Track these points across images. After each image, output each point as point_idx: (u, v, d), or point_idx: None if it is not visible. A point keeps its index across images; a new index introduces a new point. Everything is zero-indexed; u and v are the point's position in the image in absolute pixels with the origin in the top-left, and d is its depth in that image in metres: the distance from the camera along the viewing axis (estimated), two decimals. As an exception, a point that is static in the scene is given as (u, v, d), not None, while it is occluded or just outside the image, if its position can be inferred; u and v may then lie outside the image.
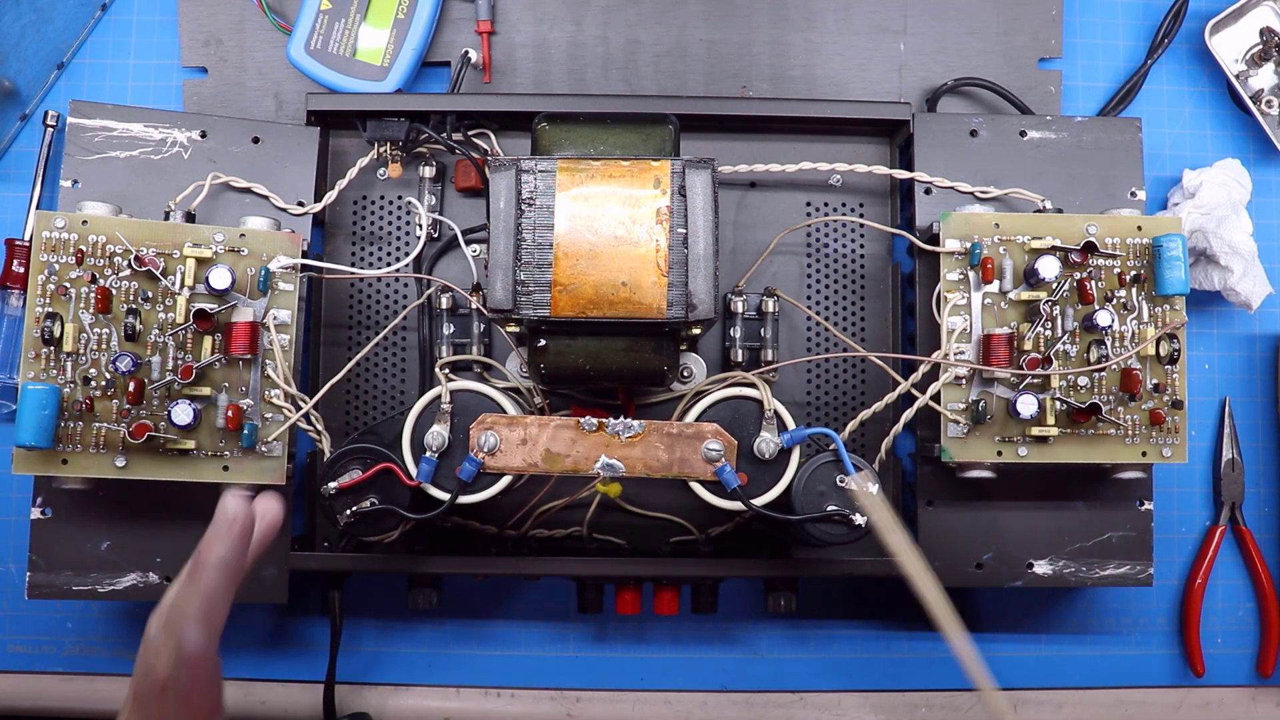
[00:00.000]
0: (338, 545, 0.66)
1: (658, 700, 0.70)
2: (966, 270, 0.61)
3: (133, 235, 0.58)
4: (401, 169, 0.67)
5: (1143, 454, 0.61)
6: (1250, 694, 0.72)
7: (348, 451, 0.58)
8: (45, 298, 0.57)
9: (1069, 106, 0.74)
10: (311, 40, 0.68)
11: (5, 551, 0.69)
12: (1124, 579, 0.65)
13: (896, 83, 0.73)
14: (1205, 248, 0.69)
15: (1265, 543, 0.72)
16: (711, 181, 0.55)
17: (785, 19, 0.73)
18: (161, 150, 0.64)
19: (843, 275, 0.69)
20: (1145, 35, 0.75)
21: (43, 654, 0.69)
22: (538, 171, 0.55)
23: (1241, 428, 0.73)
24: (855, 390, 0.69)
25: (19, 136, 0.72)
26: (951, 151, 0.66)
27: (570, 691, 0.70)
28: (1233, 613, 0.72)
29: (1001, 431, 0.61)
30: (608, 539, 0.66)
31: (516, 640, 0.71)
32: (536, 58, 0.73)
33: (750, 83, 0.73)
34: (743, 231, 0.69)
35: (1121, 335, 0.61)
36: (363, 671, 0.70)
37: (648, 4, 0.73)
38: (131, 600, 0.67)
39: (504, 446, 0.58)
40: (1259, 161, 0.74)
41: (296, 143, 0.65)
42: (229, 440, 0.59)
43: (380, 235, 0.69)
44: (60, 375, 0.57)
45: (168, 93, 0.72)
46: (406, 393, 0.68)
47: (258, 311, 0.59)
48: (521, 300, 0.54)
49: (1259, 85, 0.74)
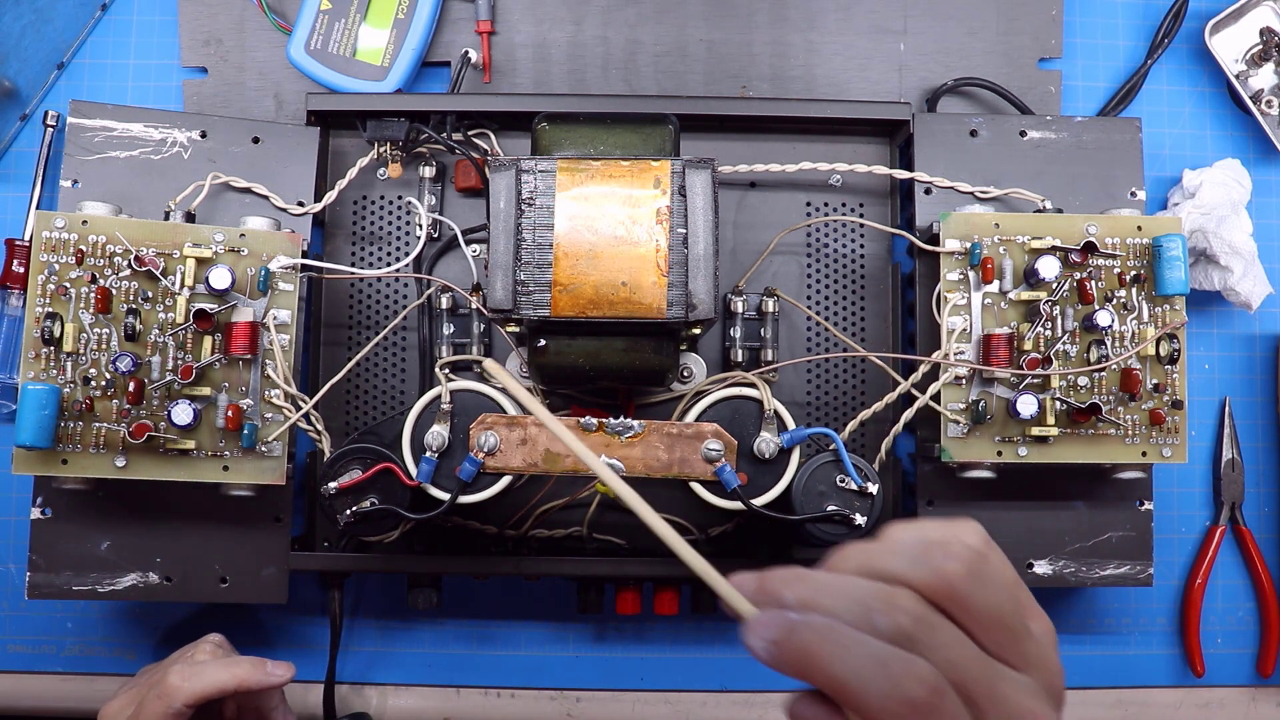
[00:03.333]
0: (338, 545, 0.66)
1: (658, 700, 0.70)
2: (966, 270, 0.61)
3: (133, 235, 0.58)
4: (401, 169, 0.67)
5: (1143, 454, 0.61)
6: (1250, 694, 0.72)
7: (348, 451, 0.58)
8: (45, 298, 0.57)
9: (1069, 106, 0.74)
10: (311, 40, 0.68)
11: (5, 551, 0.69)
12: (1124, 579, 0.65)
13: (896, 83, 0.73)
14: (1205, 248, 0.69)
15: (1265, 543, 0.72)
16: (711, 181, 0.55)
17: (785, 19, 0.73)
18: (161, 150, 0.64)
19: (843, 275, 0.69)
20: (1145, 35, 0.75)
21: (43, 654, 0.69)
22: (538, 171, 0.55)
23: (1241, 428, 0.73)
24: (855, 390, 0.69)
25: (19, 136, 0.72)
26: (951, 151, 0.66)
27: (570, 691, 0.70)
28: (1233, 613, 0.72)
29: (1001, 431, 0.61)
30: (608, 539, 0.66)
31: (516, 640, 0.71)
32: (536, 58, 0.73)
33: (750, 83, 0.73)
34: (743, 231, 0.69)
35: (1121, 335, 0.61)
36: (363, 671, 0.70)
37: (648, 4, 0.73)
38: (131, 600, 0.67)
39: (504, 446, 0.58)
40: (1259, 161, 0.74)
41: (296, 143, 0.65)
42: (229, 440, 0.59)
43: (380, 235, 0.69)
44: (60, 375, 0.57)
45: (168, 93, 0.72)
46: (406, 393, 0.68)
47: (258, 311, 0.59)
48: (521, 300, 0.54)
49: (1259, 85, 0.74)
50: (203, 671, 0.56)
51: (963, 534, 0.33)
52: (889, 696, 0.29)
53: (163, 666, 0.59)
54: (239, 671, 0.56)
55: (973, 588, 0.32)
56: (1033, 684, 0.32)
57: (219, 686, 0.55)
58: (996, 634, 0.32)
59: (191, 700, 0.55)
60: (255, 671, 0.57)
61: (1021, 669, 0.32)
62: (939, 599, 0.31)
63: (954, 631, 0.31)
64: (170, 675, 0.55)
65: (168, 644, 0.69)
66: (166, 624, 0.70)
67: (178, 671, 0.55)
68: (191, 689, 0.55)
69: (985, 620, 0.32)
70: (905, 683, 0.29)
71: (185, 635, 0.64)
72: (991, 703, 0.30)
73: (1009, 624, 0.32)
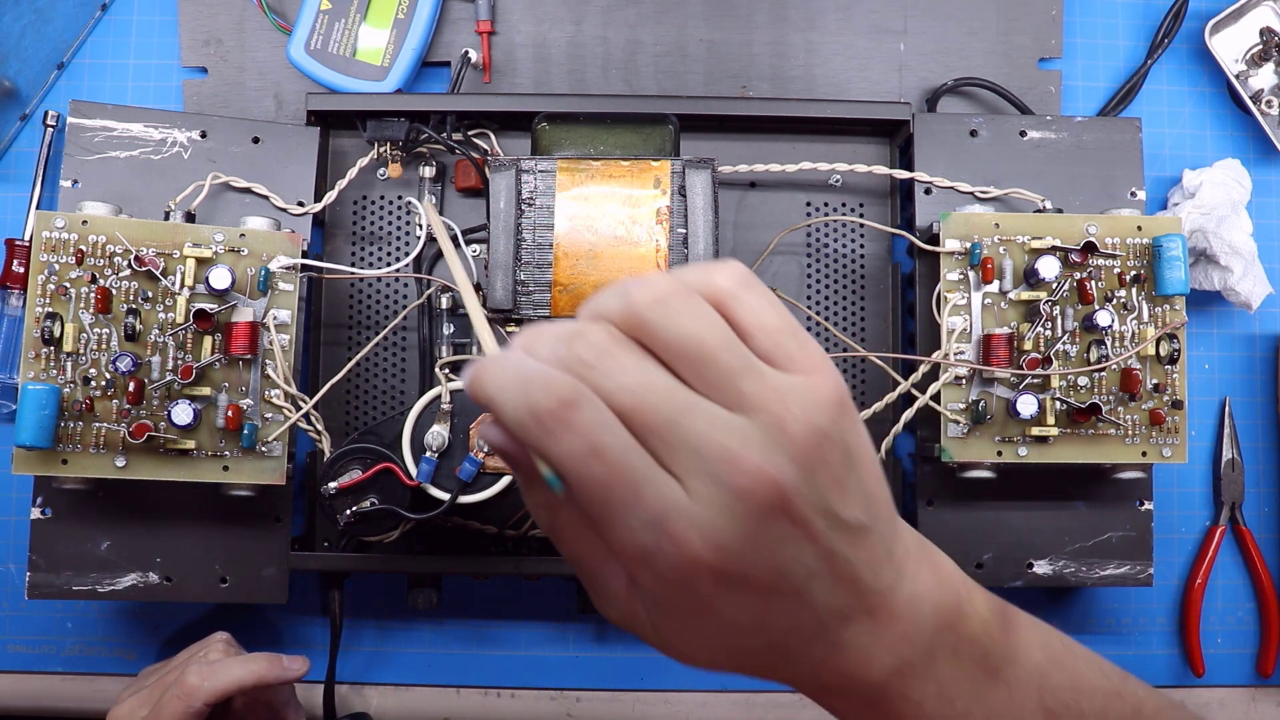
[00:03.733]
0: (338, 545, 0.66)
1: (658, 700, 0.70)
2: (966, 270, 0.61)
3: (133, 235, 0.58)
4: (401, 169, 0.68)
5: (1143, 454, 0.61)
6: (1250, 694, 0.72)
7: (348, 451, 0.58)
8: (45, 298, 0.57)
9: (1069, 106, 0.74)
10: (311, 40, 0.68)
11: (5, 551, 0.69)
12: (1124, 579, 0.65)
13: (896, 83, 0.73)
14: (1205, 248, 0.69)
15: (1265, 543, 0.72)
16: (711, 181, 0.55)
17: (785, 19, 0.73)
18: (161, 150, 0.64)
19: (843, 275, 0.69)
20: (1145, 35, 0.75)
21: (43, 654, 0.69)
22: (538, 171, 0.55)
23: (1241, 428, 0.73)
24: (855, 390, 0.69)
25: (19, 136, 0.72)
26: (951, 151, 0.66)
27: (570, 691, 0.70)
28: (1233, 613, 0.72)
29: (1001, 431, 0.61)
30: (608, 539, 0.66)
31: (516, 640, 0.71)
32: (536, 58, 0.73)
33: (750, 83, 0.73)
34: (743, 231, 0.69)
35: (1121, 335, 0.61)
36: (363, 671, 0.70)
37: (648, 4, 0.73)
38: (131, 600, 0.67)
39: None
40: (1259, 161, 0.74)
41: (296, 143, 0.65)
42: (229, 440, 0.59)
43: (380, 235, 0.69)
44: (60, 375, 0.57)
45: (168, 93, 0.72)
46: (406, 393, 0.68)
47: (258, 311, 0.59)
48: (521, 300, 0.54)
49: (1259, 85, 0.74)
50: (221, 669, 0.56)
51: (713, 271, 0.32)
52: (518, 407, 0.29)
53: (173, 667, 0.59)
54: (257, 668, 0.56)
55: (664, 317, 0.30)
56: (744, 424, 0.29)
57: (238, 683, 0.56)
58: (696, 367, 0.30)
59: (211, 699, 0.55)
60: (273, 667, 0.57)
61: (734, 408, 0.29)
62: (631, 330, 0.30)
63: (637, 361, 0.30)
64: (188, 675, 0.55)
65: (168, 644, 0.69)
66: (166, 624, 0.70)
67: (195, 671, 0.55)
68: (211, 687, 0.55)
69: (678, 351, 0.30)
70: (534, 394, 0.29)
71: (185, 635, 0.64)
72: (671, 432, 0.29)
73: (713, 358, 0.30)
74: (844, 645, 0.33)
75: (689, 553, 0.29)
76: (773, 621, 0.31)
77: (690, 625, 0.32)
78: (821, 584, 0.31)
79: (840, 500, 0.31)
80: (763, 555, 0.30)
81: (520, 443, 0.30)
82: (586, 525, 0.32)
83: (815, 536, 0.30)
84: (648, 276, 0.31)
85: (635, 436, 0.29)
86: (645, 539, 0.29)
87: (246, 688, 0.56)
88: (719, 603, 0.31)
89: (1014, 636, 0.37)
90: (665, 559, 0.29)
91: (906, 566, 0.34)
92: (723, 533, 0.29)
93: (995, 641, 0.36)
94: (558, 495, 0.30)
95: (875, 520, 0.32)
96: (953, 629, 0.35)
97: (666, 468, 0.29)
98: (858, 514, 0.31)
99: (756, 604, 0.31)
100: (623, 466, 0.29)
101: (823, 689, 0.35)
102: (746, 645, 0.33)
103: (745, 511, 0.29)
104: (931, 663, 0.34)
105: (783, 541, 0.30)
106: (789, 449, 0.29)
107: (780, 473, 0.29)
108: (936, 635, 0.34)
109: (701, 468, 0.29)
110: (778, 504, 0.29)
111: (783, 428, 0.29)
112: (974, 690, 0.35)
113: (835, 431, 0.30)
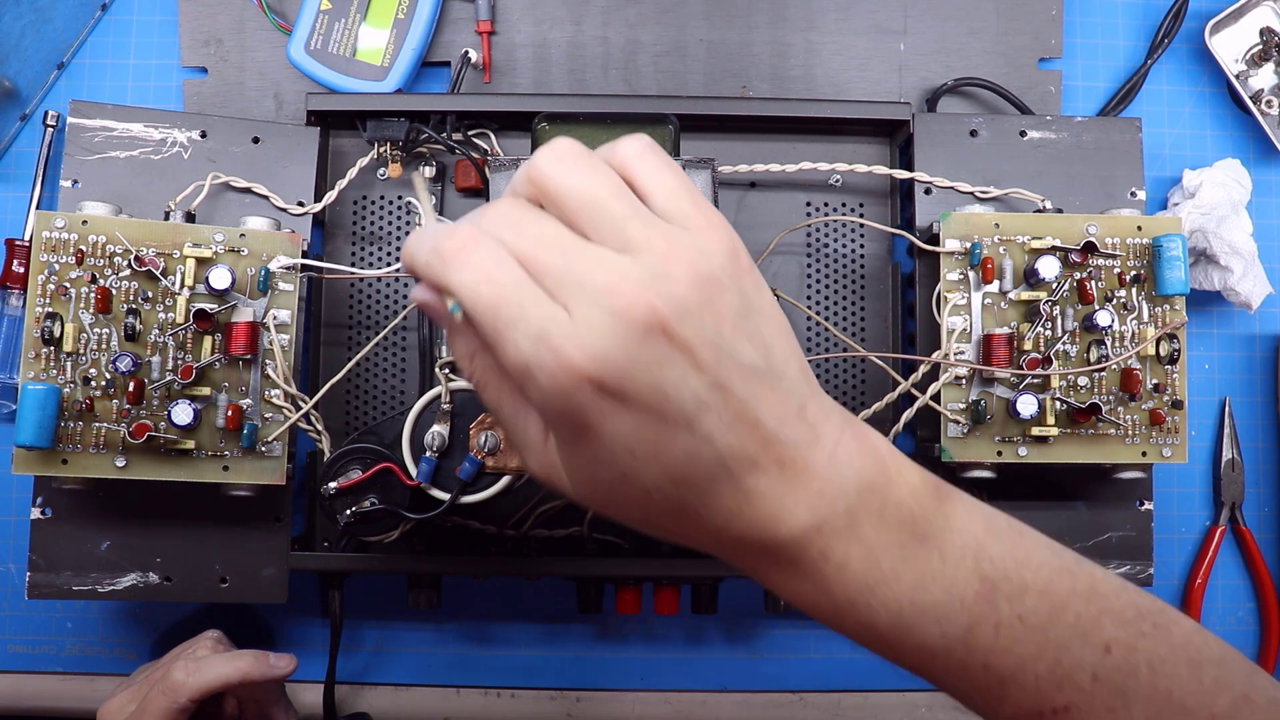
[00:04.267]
0: (338, 545, 0.66)
1: (658, 700, 0.70)
2: (966, 270, 0.61)
3: (133, 235, 0.58)
4: (401, 169, 0.68)
5: (1143, 454, 0.61)
6: (1250, 694, 0.72)
7: (348, 451, 0.58)
8: (45, 298, 0.57)
9: (1069, 106, 0.74)
10: (311, 40, 0.68)
11: (5, 551, 0.69)
12: (1124, 579, 0.65)
13: (896, 83, 0.73)
14: (1205, 248, 0.69)
15: (1265, 543, 0.72)
16: (711, 181, 0.55)
17: (785, 19, 0.73)
18: (161, 150, 0.64)
19: (843, 275, 0.69)
20: (1145, 35, 0.75)
21: (43, 654, 0.69)
22: (538, 171, 0.55)
23: (1241, 428, 0.73)
24: (855, 390, 0.69)
25: (19, 136, 0.72)
26: (951, 151, 0.66)
27: (570, 691, 0.70)
28: (1233, 613, 0.72)
29: (1001, 431, 0.61)
30: (608, 539, 0.66)
31: (516, 640, 0.71)
32: (536, 58, 0.73)
33: (750, 83, 0.73)
34: (743, 231, 0.68)
35: (1121, 335, 0.61)
36: (363, 671, 0.70)
37: (648, 4, 0.73)
38: (131, 600, 0.67)
39: (504, 446, 0.58)
40: (1259, 161, 0.74)
41: (296, 143, 0.65)
42: (229, 440, 0.59)
43: (380, 235, 0.69)
44: (60, 375, 0.57)
45: (168, 93, 0.72)
46: (406, 393, 0.68)
47: (258, 311, 0.59)
48: (521, 300, 0.54)
49: (1259, 85, 0.74)
50: (206, 666, 0.56)
51: (618, 142, 0.35)
52: (428, 253, 0.33)
53: (162, 664, 0.59)
54: (241, 664, 0.57)
55: (560, 174, 0.33)
56: (629, 262, 0.32)
57: (223, 680, 0.56)
58: (588, 216, 0.33)
59: (196, 695, 0.55)
60: (258, 664, 0.57)
61: (622, 250, 0.32)
62: (535, 196, 0.34)
63: (535, 217, 0.33)
64: (174, 671, 0.55)
65: (168, 644, 0.68)
66: (166, 624, 0.70)
67: (181, 667, 0.55)
68: (196, 683, 0.55)
69: (574, 205, 0.33)
70: (442, 242, 0.33)
71: (185, 635, 0.64)
72: (567, 274, 0.32)
73: (604, 206, 0.33)
74: (753, 494, 0.34)
75: (566, 360, 0.31)
76: (666, 450, 0.32)
77: (586, 454, 0.33)
78: (716, 418, 0.32)
79: (733, 340, 0.33)
80: (640, 370, 0.31)
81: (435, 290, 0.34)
82: (502, 374, 0.35)
83: (702, 366, 0.32)
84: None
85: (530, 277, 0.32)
86: (528, 351, 0.31)
87: (232, 684, 0.56)
88: (605, 422, 0.32)
89: (949, 507, 0.36)
90: (546, 370, 0.31)
91: (824, 428, 0.35)
92: (599, 344, 0.31)
93: (927, 508, 0.36)
94: (457, 321, 0.33)
95: (778, 373, 0.34)
96: (877, 492, 0.35)
97: (555, 300, 0.32)
98: (753, 358, 0.33)
99: (644, 425, 0.32)
100: (512, 289, 0.32)
101: (738, 544, 0.35)
102: (647, 479, 0.33)
103: (622, 329, 0.31)
104: (854, 525, 0.34)
105: (661, 362, 0.31)
106: (671, 284, 0.32)
107: (659, 298, 0.31)
108: (859, 497, 0.34)
109: (585, 296, 0.31)
110: (654, 324, 0.31)
111: (666, 266, 0.32)
112: (902, 553, 0.35)
113: (727, 281, 0.33)
